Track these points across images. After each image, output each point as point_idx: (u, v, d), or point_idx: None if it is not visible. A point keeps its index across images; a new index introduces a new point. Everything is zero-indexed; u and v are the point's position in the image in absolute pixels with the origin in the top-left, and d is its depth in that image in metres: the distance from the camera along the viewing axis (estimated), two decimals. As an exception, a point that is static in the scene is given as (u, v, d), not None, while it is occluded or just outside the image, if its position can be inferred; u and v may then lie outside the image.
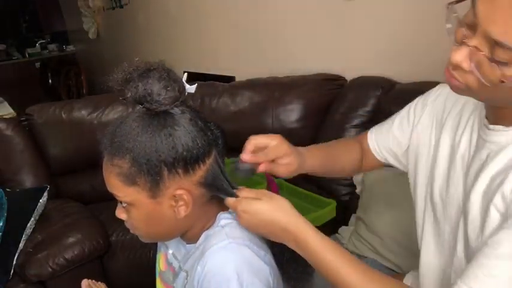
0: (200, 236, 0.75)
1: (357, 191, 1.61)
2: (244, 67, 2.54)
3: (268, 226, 0.70)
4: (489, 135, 0.67)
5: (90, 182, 2.16)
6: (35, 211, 1.69)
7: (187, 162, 0.67)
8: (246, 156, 0.77)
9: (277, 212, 0.70)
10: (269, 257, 0.74)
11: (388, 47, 1.77)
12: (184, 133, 0.66)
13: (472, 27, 0.56)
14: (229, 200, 0.72)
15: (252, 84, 2.10)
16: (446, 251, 0.78)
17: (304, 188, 1.72)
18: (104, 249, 1.72)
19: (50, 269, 1.57)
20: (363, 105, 1.73)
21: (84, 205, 1.98)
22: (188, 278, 0.74)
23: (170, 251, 0.84)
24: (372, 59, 1.84)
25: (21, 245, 1.62)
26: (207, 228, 0.75)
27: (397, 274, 1.27)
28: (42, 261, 1.57)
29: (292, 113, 1.92)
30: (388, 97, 1.64)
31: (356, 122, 1.73)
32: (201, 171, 0.69)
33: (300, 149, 0.89)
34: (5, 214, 1.63)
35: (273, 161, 0.80)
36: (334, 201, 1.58)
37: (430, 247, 0.81)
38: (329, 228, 1.56)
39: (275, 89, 1.98)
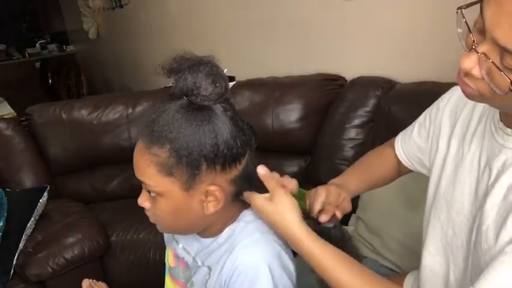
0: (222, 231, 0.76)
1: (357, 191, 1.61)
2: (244, 67, 2.54)
3: (272, 227, 0.73)
4: (507, 140, 0.65)
5: (90, 182, 2.17)
6: (35, 211, 1.69)
7: (226, 159, 0.67)
8: (325, 217, 0.81)
9: (280, 217, 0.71)
10: (290, 251, 0.75)
11: (388, 47, 1.76)
12: (226, 131, 0.66)
13: (482, 32, 0.55)
14: (247, 193, 0.74)
15: (252, 84, 2.10)
16: (449, 256, 0.77)
17: (304, 188, 1.72)
18: (104, 249, 1.72)
19: (50, 269, 1.57)
20: (363, 105, 1.73)
21: (84, 205, 1.99)
22: (211, 273, 0.75)
23: (180, 245, 0.84)
24: (372, 59, 1.84)
25: (21, 245, 1.63)
26: (229, 224, 0.76)
27: (397, 274, 1.27)
28: (42, 261, 1.58)
29: (292, 113, 1.92)
30: (388, 97, 1.64)
31: (356, 122, 1.73)
32: (235, 170, 0.70)
33: (344, 179, 0.96)
34: (5, 214, 1.63)
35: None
36: (334, 201, 1.57)
37: (433, 251, 0.81)
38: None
39: (275, 89, 1.98)
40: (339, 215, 0.84)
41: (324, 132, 1.84)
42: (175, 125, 0.65)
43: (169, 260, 0.88)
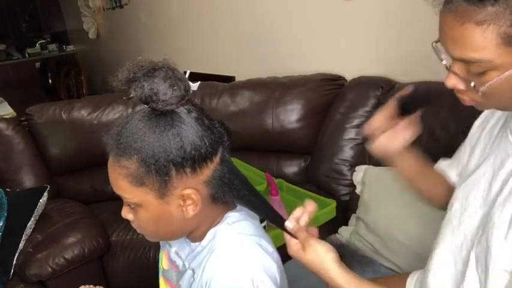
0: (206, 234, 0.75)
1: (357, 191, 1.61)
2: (244, 67, 2.54)
3: (318, 272, 0.73)
4: None
5: (90, 182, 2.17)
6: (35, 211, 1.69)
7: (195, 161, 0.67)
8: None
9: (316, 266, 0.72)
10: (276, 254, 0.74)
11: (388, 47, 1.77)
12: (191, 132, 0.66)
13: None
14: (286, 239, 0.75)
15: (252, 84, 2.10)
16: (457, 257, 0.77)
17: (304, 188, 1.72)
18: (104, 249, 1.72)
19: (50, 269, 1.57)
20: (363, 105, 1.73)
21: (84, 205, 1.98)
22: (195, 276, 0.74)
23: (173, 249, 0.84)
24: (372, 59, 1.84)
25: (21, 245, 1.62)
26: (213, 226, 0.75)
27: (397, 274, 1.27)
28: (42, 261, 1.57)
29: (292, 113, 1.92)
30: (388, 97, 1.63)
31: (356, 122, 1.73)
32: (208, 170, 0.69)
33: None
34: (5, 214, 1.63)
35: None
36: (334, 201, 1.57)
37: (441, 255, 0.81)
38: (329, 228, 1.56)
39: (275, 89, 1.98)
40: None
41: (324, 132, 1.85)
42: (139, 135, 0.65)
43: (164, 262, 0.88)
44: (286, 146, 1.99)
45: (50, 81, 5.32)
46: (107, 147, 0.69)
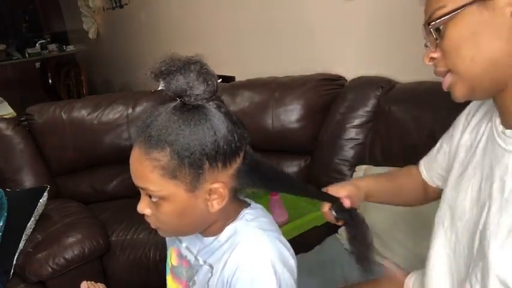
0: (223, 229, 0.75)
1: (357, 191, 1.61)
2: (244, 67, 2.54)
3: None
4: (510, 144, 0.67)
5: (90, 182, 2.17)
6: (35, 211, 1.69)
7: (226, 155, 0.68)
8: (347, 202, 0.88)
9: None
10: (292, 250, 0.75)
11: (389, 47, 1.76)
12: (223, 127, 0.67)
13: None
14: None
15: (252, 84, 2.10)
16: (452, 261, 0.77)
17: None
18: (104, 249, 1.72)
19: (50, 269, 1.57)
20: (363, 105, 1.73)
21: (84, 205, 1.98)
22: (213, 271, 0.75)
23: (183, 244, 0.84)
24: (372, 59, 1.84)
25: (21, 245, 1.62)
26: (230, 222, 0.76)
27: (397, 274, 1.27)
28: (42, 261, 1.57)
29: (292, 113, 1.92)
30: (388, 97, 1.64)
31: (356, 122, 1.73)
32: (235, 165, 0.70)
33: (358, 181, 1.01)
34: (5, 214, 1.63)
35: None
36: (334, 201, 1.57)
37: (437, 256, 0.81)
38: (329, 228, 1.56)
39: (275, 89, 1.98)
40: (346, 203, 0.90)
41: (324, 133, 1.84)
42: (173, 127, 0.65)
43: (172, 259, 0.87)
44: (286, 146, 1.99)
45: (50, 81, 5.32)
46: (135, 139, 0.69)
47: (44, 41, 6.45)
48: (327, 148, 1.80)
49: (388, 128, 1.59)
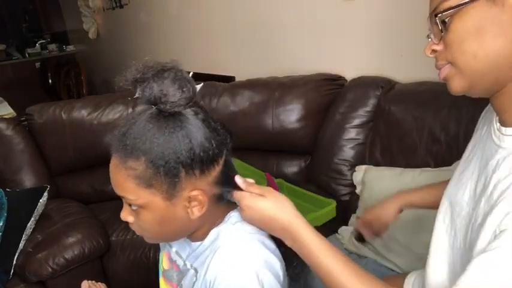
0: (208, 233, 0.75)
1: (357, 191, 1.61)
2: (244, 67, 2.54)
3: (269, 223, 0.72)
4: (502, 140, 0.67)
5: (90, 182, 2.17)
6: (35, 211, 1.69)
7: (203, 162, 0.67)
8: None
9: (279, 210, 0.71)
10: (278, 252, 0.74)
11: (388, 47, 1.76)
12: (200, 134, 0.66)
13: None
14: (236, 193, 0.73)
15: (252, 84, 2.10)
16: (451, 258, 0.78)
17: (304, 188, 1.72)
18: (104, 249, 1.72)
19: (50, 269, 1.57)
20: (363, 105, 1.73)
21: (84, 205, 1.98)
22: (197, 276, 0.74)
23: (173, 249, 0.84)
24: (372, 59, 1.84)
25: (21, 245, 1.63)
26: (215, 226, 0.75)
27: (397, 274, 1.27)
28: (42, 261, 1.57)
29: (292, 113, 1.92)
30: (388, 97, 1.64)
31: (356, 122, 1.73)
32: (214, 172, 0.70)
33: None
34: (5, 214, 1.63)
35: None
36: (334, 201, 1.58)
37: (438, 253, 0.81)
38: (329, 228, 1.56)
39: (275, 89, 1.98)
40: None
41: (324, 132, 1.84)
42: (148, 136, 0.65)
43: (164, 262, 0.88)
44: (286, 146, 1.99)
45: (50, 81, 5.32)
46: (111, 148, 0.69)
47: (44, 41, 6.45)
48: (327, 148, 1.80)
49: (388, 128, 1.59)
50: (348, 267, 0.70)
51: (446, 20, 0.65)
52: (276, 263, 0.71)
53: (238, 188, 0.73)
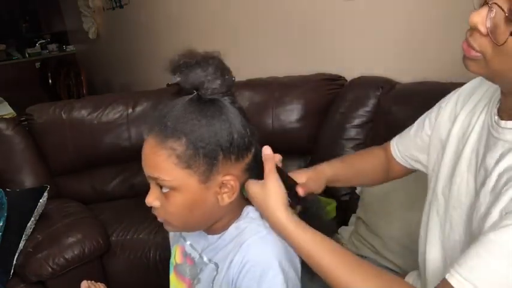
0: (227, 227, 0.76)
1: (357, 191, 1.61)
2: (244, 67, 2.54)
3: (260, 209, 0.74)
4: (502, 133, 0.67)
5: (90, 182, 2.16)
6: (35, 211, 1.69)
7: (240, 148, 0.69)
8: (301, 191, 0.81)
9: (268, 197, 0.72)
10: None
11: (388, 47, 1.76)
12: (237, 121, 0.68)
13: None
14: (246, 182, 0.74)
15: (252, 84, 2.10)
16: (447, 251, 0.78)
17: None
18: (104, 249, 1.72)
19: (50, 269, 1.57)
20: (363, 105, 1.73)
21: (84, 205, 1.98)
22: (218, 270, 0.75)
23: (188, 242, 0.84)
24: (372, 59, 1.84)
25: (21, 245, 1.62)
26: (235, 221, 0.76)
27: (397, 274, 1.27)
28: (42, 261, 1.57)
29: (292, 113, 1.92)
30: (388, 97, 1.64)
31: (356, 122, 1.73)
32: (247, 159, 0.71)
33: (320, 166, 0.97)
34: (5, 214, 1.63)
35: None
36: (334, 201, 1.58)
37: (434, 245, 0.82)
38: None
39: (275, 89, 1.98)
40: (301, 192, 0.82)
41: (324, 132, 1.84)
42: (190, 118, 0.66)
43: (177, 257, 0.87)
44: (286, 146, 1.98)
45: (50, 81, 5.31)
46: (147, 129, 0.70)
47: (44, 41, 6.45)
48: (327, 148, 1.80)
49: (388, 128, 1.59)
50: (328, 248, 0.70)
51: None
52: (297, 260, 0.73)
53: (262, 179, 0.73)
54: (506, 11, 0.57)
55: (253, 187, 0.73)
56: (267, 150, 0.73)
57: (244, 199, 0.77)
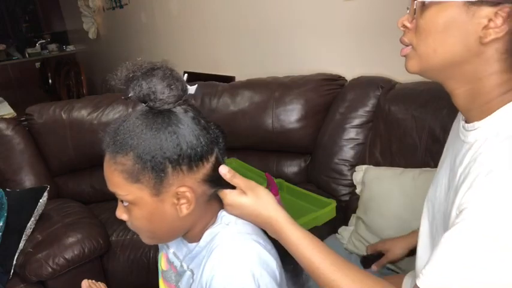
0: (203, 234, 0.75)
1: (357, 191, 1.61)
2: (244, 67, 2.54)
3: (250, 219, 0.74)
4: (466, 135, 0.69)
5: (90, 182, 2.17)
6: (35, 211, 1.69)
7: (191, 159, 0.68)
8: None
9: (258, 206, 0.73)
10: (274, 250, 0.74)
11: (388, 47, 1.76)
12: (188, 131, 0.67)
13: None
14: (220, 192, 0.74)
15: (252, 84, 2.10)
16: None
17: (304, 188, 1.72)
18: (104, 249, 1.72)
19: (50, 269, 1.57)
20: (363, 105, 1.73)
21: (84, 205, 1.98)
22: (194, 277, 0.75)
23: (171, 250, 0.84)
24: (372, 59, 1.84)
25: (21, 245, 1.63)
26: (209, 227, 0.75)
27: (397, 274, 1.27)
28: (42, 261, 1.57)
29: (292, 113, 1.92)
30: (388, 97, 1.64)
31: (356, 122, 1.73)
32: (204, 169, 0.70)
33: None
34: (5, 214, 1.63)
35: None
36: (334, 201, 1.58)
37: (425, 249, 0.82)
38: (329, 228, 1.56)
39: (275, 89, 1.98)
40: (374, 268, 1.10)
41: (324, 132, 1.84)
42: (136, 132, 0.66)
43: (162, 263, 0.88)
44: (286, 146, 1.99)
45: (50, 81, 5.32)
46: (103, 144, 0.70)
47: (44, 41, 6.46)
48: (327, 148, 1.80)
49: (388, 128, 1.59)
50: (329, 257, 0.71)
51: (426, 3, 0.66)
52: (272, 262, 0.71)
53: (229, 187, 0.74)
54: (412, 13, 0.69)
55: (239, 198, 0.73)
56: (223, 169, 0.73)
57: (219, 203, 0.76)
